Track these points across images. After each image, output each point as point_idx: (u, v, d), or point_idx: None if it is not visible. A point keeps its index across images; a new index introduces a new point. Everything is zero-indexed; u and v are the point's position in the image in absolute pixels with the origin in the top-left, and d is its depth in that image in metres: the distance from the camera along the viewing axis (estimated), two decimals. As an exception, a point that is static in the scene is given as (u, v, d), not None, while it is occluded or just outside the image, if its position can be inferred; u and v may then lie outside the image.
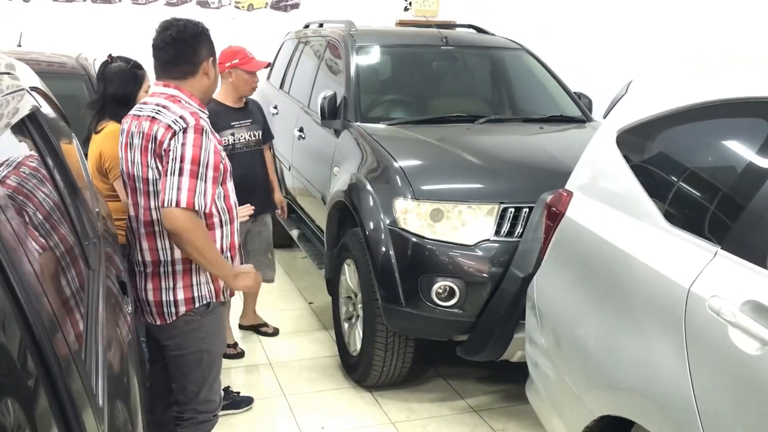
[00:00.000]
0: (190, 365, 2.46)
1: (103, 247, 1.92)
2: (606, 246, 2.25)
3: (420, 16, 7.91)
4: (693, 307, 1.85)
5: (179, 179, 2.17)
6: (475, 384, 3.86)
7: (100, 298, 1.50)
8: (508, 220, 3.27)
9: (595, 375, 2.27)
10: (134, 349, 1.78)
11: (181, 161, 2.18)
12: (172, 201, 2.16)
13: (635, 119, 2.31)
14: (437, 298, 3.23)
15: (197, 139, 2.22)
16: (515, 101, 4.81)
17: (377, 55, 4.76)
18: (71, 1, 7.01)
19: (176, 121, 2.25)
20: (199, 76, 2.39)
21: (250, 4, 7.54)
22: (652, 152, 2.29)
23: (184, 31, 2.34)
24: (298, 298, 5.06)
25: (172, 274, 2.37)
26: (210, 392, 2.53)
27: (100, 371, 1.21)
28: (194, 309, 2.39)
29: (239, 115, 3.92)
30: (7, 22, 6.47)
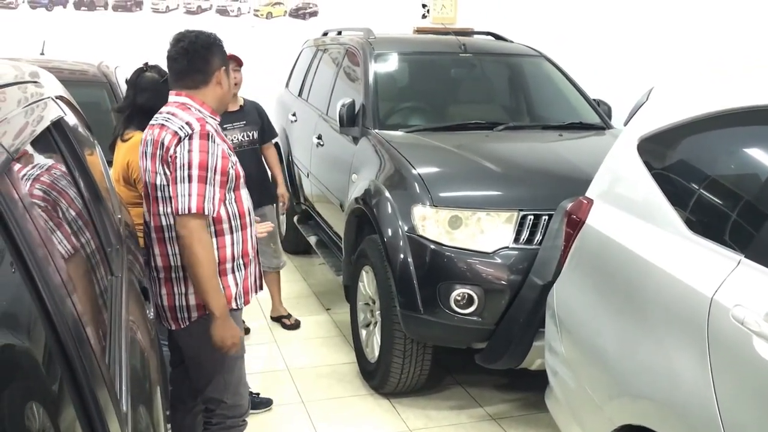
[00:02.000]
0: (209, 370, 2.48)
1: (126, 253, 1.94)
2: (627, 254, 2.24)
3: (438, 24, 7.90)
4: (716, 316, 1.83)
5: (189, 186, 2.23)
6: (493, 392, 3.85)
7: (123, 304, 1.52)
8: (528, 227, 3.26)
9: (615, 384, 2.25)
10: (156, 354, 1.80)
11: (189, 168, 2.23)
12: (185, 208, 2.23)
13: (656, 127, 2.30)
14: (456, 306, 3.22)
15: (203, 144, 2.26)
16: (534, 108, 4.80)
17: (395, 62, 4.77)
18: (93, 10, 7.09)
19: (182, 127, 2.29)
20: (212, 85, 2.43)
21: (269, 13, 7.59)
22: (673, 160, 2.27)
23: (196, 42, 2.40)
24: (315, 304, 5.07)
25: (184, 279, 2.38)
26: (236, 397, 2.54)
27: (124, 376, 1.22)
28: (206, 314, 2.38)
29: (232, 117, 4.13)
30: (31, 31, 6.57)
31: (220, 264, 2.39)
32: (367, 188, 3.77)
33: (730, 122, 2.05)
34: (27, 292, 0.93)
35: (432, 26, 7.81)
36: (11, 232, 0.92)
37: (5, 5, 6.89)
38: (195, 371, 2.52)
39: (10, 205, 0.94)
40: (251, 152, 4.25)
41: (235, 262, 2.44)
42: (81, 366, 0.92)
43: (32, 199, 1.20)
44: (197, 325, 2.42)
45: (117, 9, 7.16)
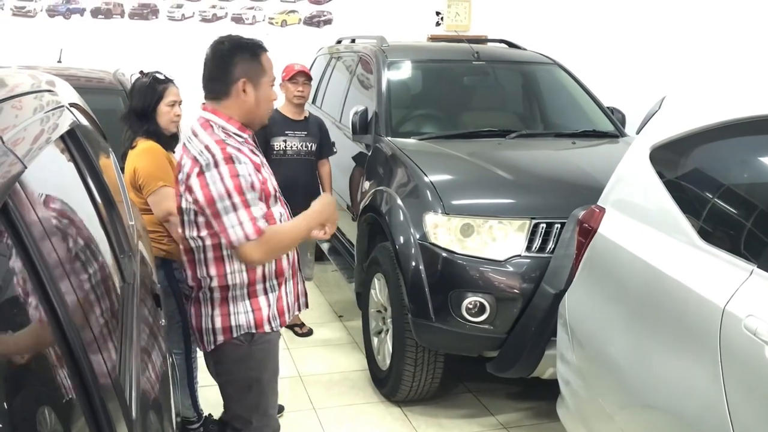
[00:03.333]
0: (239, 392, 2.39)
1: (138, 260, 1.95)
2: (639, 263, 2.23)
3: (452, 31, 7.92)
4: (728, 327, 1.82)
5: (236, 215, 2.13)
6: (505, 400, 3.83)
7: (135, 310, 1.53)
8: (540, 235, 3.25)
9: (626, 394, 2.24)
10: (167, 361, 1.81)
11: (229, 197, 2.12)
12: (242, 238, 2.13)
13: (669, 135, 2.29)
14: (467, 314, 3.21)
15: (231, 169, 2.14)
16: (547, 116, 4.79)
17: (408, 70, 4.79)
18: (109, 18, 7.18)
19: (201, 152, 2.17)
20: (234, 96, 2.25)
21: (283, 20, 7.64)
22: (686, 168, 2.26)
23: (219, 48, 2.26)
24: (328, 311, 5.08)
25: (211, 301, 2.30)
26: (264, 418, 2.44)
27: (134, 383, 1.23)
28: (233, 338, 2.31)
29: (295, 125, 4.31)
30: (49, 39, 6.65)
31: (249, 285, 2.30)
32: (379, 195, 3.78)
33: (743, 131, 2.04)
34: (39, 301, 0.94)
35: (446, 34, 7.84)
36: (23, 241, 0.93)
37: (24, 13, 6.99)
38: (224, 390, 2.44)
39: (23, 214, 0.96)
40: (306, 162, 4.36)
41: (267, 282, 2.33)
42: (90, 373, 0.93)
43: (45, 208, 1.21)
44: (223, 349, 2.33)
45: (133, 17, 7.24)
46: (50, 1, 7.00)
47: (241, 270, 2.27)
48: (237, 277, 2.28)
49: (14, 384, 0.83)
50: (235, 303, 2.30)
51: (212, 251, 2.26)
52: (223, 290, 2.29)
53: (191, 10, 7.35)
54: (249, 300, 2.30)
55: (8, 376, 0.83)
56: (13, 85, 1.51)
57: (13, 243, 0.92)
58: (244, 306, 2.30)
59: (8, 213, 0.92)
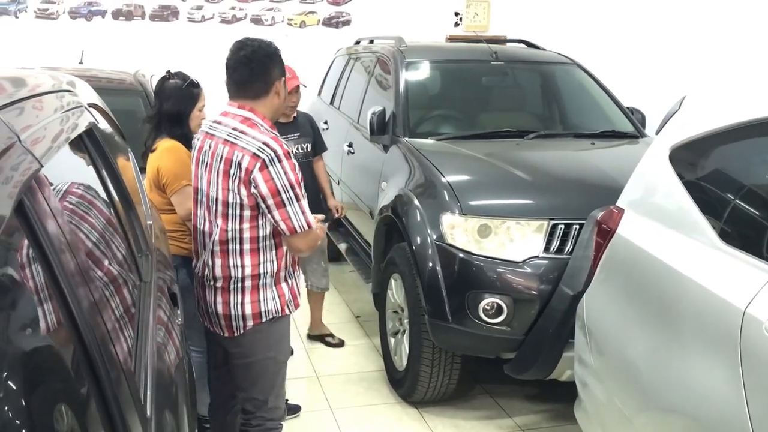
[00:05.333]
0: (257, 373, 2.53)
1: (156, 259, 1.97)
2: (658, 265, 2.20)
3: (470, 32, 7.89)
4: (749, 330, 1.80)
5: (299, 204, 2.33)
6: (523, 402, 3.81)
7: (151, 309, 1.54)
8: (558, 236, 3.23)
9: (644, 397, 2.21)
10: (184, 360, 1.81)
11: (292, 188, 2.31)
12: (304, 226, 2.35)
13: (689, 135, 2.26)
14: (484, 315, 3.20)
15: (291, 164, 2.33)
16: (566, 116, 4.76)
17: (426, 70, 4.78)
18: (130, 20, 7.23)
19: (261, 149, 2.30)
20: (271, 95, 2.44)
21: (302, 21, 7.65)
22: (706, 169, 2.23)
23: (258, 51, 2.41)
24: (345, 311, 5.08)
25: (242, 290, 2.44)
26: (277, 400, 2.61)
27: (149, 381, 1.24)
28: (261, 323, 2.47)
29: (286, 129, 3.99)
30: (71, 41, 6.72)
31: (277, 272, 2.48)
32: (397, 196, 3.77)
33: (763, 131, 2.01)
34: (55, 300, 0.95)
35: (464, 34, 7.81)
36: (40, 241, 0.94)
37: (47, 16, 7.06)
38: (242, 373, 2.56)
39: (39, 213, 0.97)
40: (306, 165, 4.03)
41: (287, 270, 2.52)
42: (104, 369, 0.93)
43: (62, 207, 1.22)
44: (251, 333, 2.49)
45: (154, 18, 7.28)
46: (72, 3, 7.07)
47: (273, 260, 2.46)
48: (268, 266, 2.45)
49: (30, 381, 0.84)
50: (265, 290, 2.47)
51: (249, 243, 2.42)
52: (255, 279, 2.45)
53: (211, 11, 7.38)
54: (276, 287, 2.48)
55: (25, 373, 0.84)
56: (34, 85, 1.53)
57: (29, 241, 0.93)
58: (271, 293, 2.48)
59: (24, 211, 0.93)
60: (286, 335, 2.61)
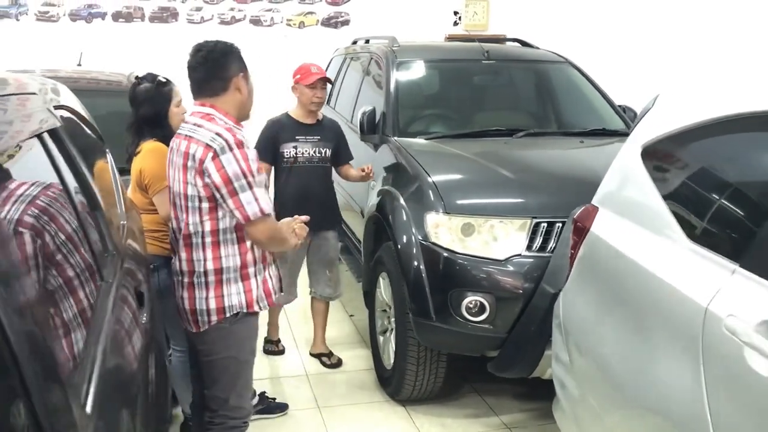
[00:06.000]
0: (218, 371, 2.55)
1: (124, 259, 1.99)
2: (627, 262, 2.21)
3: (470, 31, 7.90)
4: (710, 327, 1.80)
5: (251, 192, 2.35)
6: (511, 401, 3.81)
7: (109, 308, 1.56)
8: (541, 235, 3.23)
9: (615, 395, 2.22)
10: (149, 359, 1.83)
11: (244, 176, 2.34)
12: (256, 213, 2.37)
13: (660, 133, 2.26)
14: (467, 313, 3.21)
15: (243, 152, 2.35)
16: (556, 114, 4.75)
17: (417, 69, 4.78)
18: (130, 22, 7.29)
19: (213, 138, 2.35)
20: (231, 91, 2.48)
21: (301, 22, 7.68)
22: (675, 167, 2.23)
23: (214, 51, 2.48)
24: (339, 310, 5.09)
25: (206, 284, 2.47)
26: (239, 400, 2.61)
27: (94, 379, 1.26)
28: (225, 318, 2.48)
29: (306, 130, 3.93)
30: (72, 43, 6.78)
31: (242, 269, 2.49)
32: (384, 195, 3.79)
33: (731, 128, 2.01)
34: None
35: (463, 33, 7.81)
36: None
37: (47, 18, 7.13)
38: (206, 370, 2.60)
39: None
40: (320, 170, 3.98)
41: (256, 266, 2.53)
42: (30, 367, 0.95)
43: (13, 205, 1.25)
44: (215, 329, 2.51)
45: (153, 20, 7.34)
46: (72, 6, 7.13)
47: (236, 254, 2.47)
48: (231, 260, 2.47)
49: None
50: (229, 285, 2.48)
51: (211, 236, 2.44)
52: (218, 273, 2.46)
53: (210, 12, 7.42)
54: (242, 282, 2.49)
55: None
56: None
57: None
58: (237, 288, 2.49)
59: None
60: (252, 335, 2.62)
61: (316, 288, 4.20)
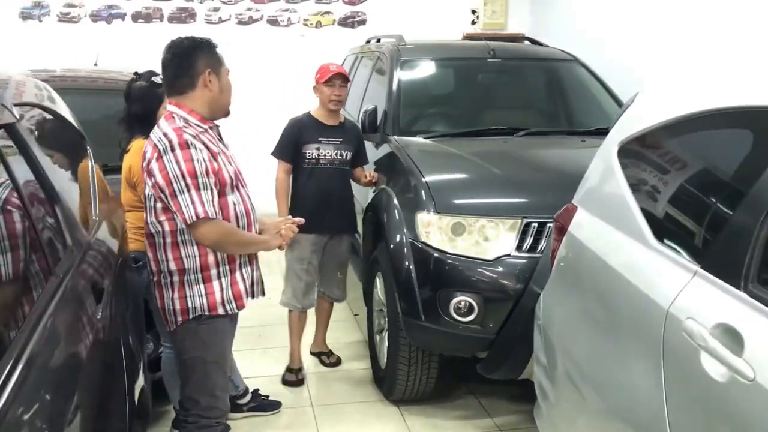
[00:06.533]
0: (188, 370, 2.54)
1: (86, 254, 2.00)
2: (599, 263, 2.16)
3: (488, 30, 7.83)
4: (670, 329, 1.75)
5: (189, 195, 2.30)
6: (505, 403, 3.76)
7: (54, 302, 1.57)
8: (531, 235, 3.18)
9: (584, 398, 2.17)
10: (99, 355, 1.84)
11: (183, 178, 2.29)
12: (192, 216, 2.31)
13: (634, 131, 2.21)
14: (455, 313, 3.17)
15: (185, 153, 2.30)
16: (560, 113, 4.68)
17: (421, 68, 4.76)
18: (149, 22, 7.38)
19: (160, 139, 2.34)
20: (200, 88, 2.41)
21: (317, 22, 7.70)
22: (647, 165, 2.17)
23: (180, 46, 2.43)
24: (344, 309, 5.09)
25: (171, 284, 2.46)
26: (212, 400, 2.57)
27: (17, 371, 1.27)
28: (189, 319, 2.47)
29: (329, 131, 3.85)
30: (92, 43, 6.90)
31: (203, 270, 2.44)
32: (379, 195, 3.77)
33: (700, 125, 1.95)
34: None
35: (480, 32, 7.75)
36: None
37: (69, 19, 7.26)
38: (179, 369, 2.61)
39: None
40: (340, 172, 3.88)
41: (220, 267, 2.47)
42: None
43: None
44: (181, 329, 2.50)
45: (172, 21, 7.42)
46: (93, 7, 7.25)
47: (195, 255, 2.43)
48: (191, 261, 2.43)
49: None
50: (191, 286, 2.45)
51: (170, 236, 2.42)
52: (180, 274, 2.44)
53: (228, 13, 7.48)
54: (204, 284, 2.45)
55: None
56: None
57: None
58: (198, 290, 2.45)
59: None
60: (220, 336, 2.55)
61: (325, 288, 4.16)
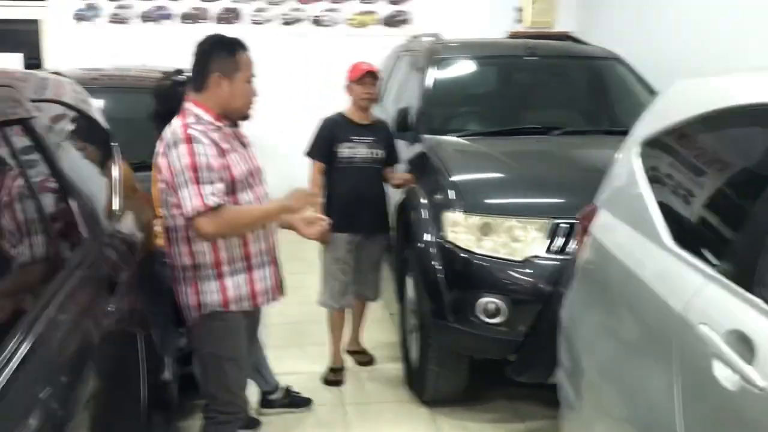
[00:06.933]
0: (202, 366, 2.57)
1: (103, 247, 2.04)
2: (616, 265, 2.10)
3: (533, 28, 7.71)
4: (683, 336, 1.69)
5: (187, 189, 2.30)
6: (538, 407, 3.68)
7: (63, 293, 1.60)
8: (562, 236, 3.12)
9: (601, 403, 2.11)
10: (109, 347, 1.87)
11: (183, 172, 2.30)
12: (190, 210, 2.30)
13: (655, 129, 2.14)
14: (483, 315, 3.13)
15: (188, 148, 2.31)
16: (599, 112, 4.57)
17: (456, 67, 4.71)
18: (197, 22, 7.52)
19: (168, 135, 2.37)
20: (212, 89, 2.42)
21: (362, 21, 7.71)
22: (667, 164, 2.10)
23: (202, 44, 2.45)
24: (382, 308, 5.06)
25: (184, 280, 2.47)
26: (229, 395, 2.56)
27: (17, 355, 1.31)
28: (202, 315, 2.47)
29: (362, 130, 3.83)
30: (143, 43, 7.09)
31: (216, 266, 2.43)
32: (409, 194, 3.75)
33: (720, 123, 1.87)
34: None
35: (526, 30, 7.64)
36: None
37: (120, 20, 7.46)
38: (198, 366, 2.62)
39: None
40: (373, 171, 3.85)
41: (234, 264, 2.45)
42: None
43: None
44: (197, 324, 2.51)
45: (220, 21, 7.55)
46: (144, 8, 7.44)
47: (205, 251, 2.42)
48: (202, 257, 2.43)
49: None
50: (205, 282, 2.45)
51: (182, 231, 2.43)
52: (194, 269, 2.45)
53: (273, 13, 7.57)
54: (217, 281, 2.44)
55: None
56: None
57: None
58: (212, 286, 2.45)
59: None
60: (233, 333, 2.53)
61: (359, 287, 4.15)
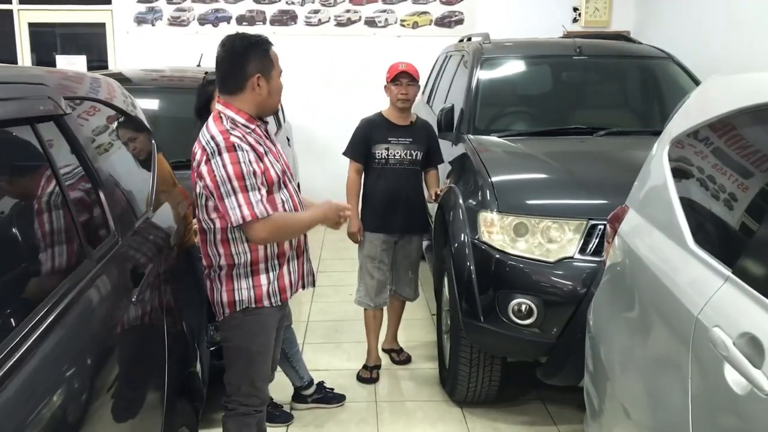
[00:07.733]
0: (231, 358, 2.60)
1: (132, 239, 2.12)
2: (641, 266, 2.06)
3: (589, 28, 7.59)
4: (697, 338, 1.65)
5: (235, 198, 2.33)
6: (573, 411, 3.63)
7: (84, 281, 1.68)
8: (597, 237, 3.07)
9: (623, 406, 2.07)
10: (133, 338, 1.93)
11: (229, 182, 2.32)
12: (239, 219, 2.34)
13: (683, 128, 2.09)
14: (514, 316, 3.11)
15: (232, 156, 2.32)
16: (647, 113, 4.47)
17: (503, 67, 4.68)
18: (253, 24, 7.67)
19: (208, 142, 2.36)
20: (248, 91, 2.40)
21: (414, 22, 7.73)
22: (693, 164, 2.04)
23: (234, 47, 2.41)
24: (422, 308, 5.09)
25: (219, 278, 2.51)
26: (252, 389, 2.61)
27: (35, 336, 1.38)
28: (235, 311, 2.52)
29: (399, 131, 3.83)
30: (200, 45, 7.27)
31: (252, 264, 2.48)
32: (447, 194, 3.75)
33: (746, 122, 1.82)
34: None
35: (581, 30, 7.52)
36: None
37: (179, 23, 7.67)
38: (225, 356, 2.66)
39: None
40: (411, 173, 3.85)
41: (269, 262, 2.51)
42: None
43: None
44: (229, 319, 2.55)
45: (274, 23, 7.68)
46: (201, 11, 7.63)
47: (246, 251, 2.47)
48: (241, 257, 2.48)
49: None
50: (239, 280, 2.50)
51: (221, 233, 2.47)
52: (230, 268, 2.49)
53: (327, 15, 7.66)
54: (252, 278, 2.50)
55: None
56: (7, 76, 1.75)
57: None
58: (246, 283, 2.50)
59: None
60: (264, 328, 2.58)
61: (396, 287, 4.17)
